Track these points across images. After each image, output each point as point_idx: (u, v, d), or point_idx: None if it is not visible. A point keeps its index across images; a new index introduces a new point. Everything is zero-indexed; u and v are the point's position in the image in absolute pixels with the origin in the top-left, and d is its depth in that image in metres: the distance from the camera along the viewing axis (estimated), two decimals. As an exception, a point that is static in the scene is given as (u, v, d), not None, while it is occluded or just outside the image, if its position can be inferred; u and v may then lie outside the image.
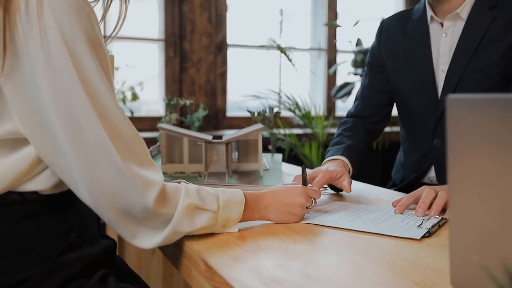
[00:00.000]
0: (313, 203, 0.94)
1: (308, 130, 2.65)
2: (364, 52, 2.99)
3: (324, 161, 1.26)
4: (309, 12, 3.31)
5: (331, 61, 3.24)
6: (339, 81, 3.23)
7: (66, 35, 0.69)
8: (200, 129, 1.61)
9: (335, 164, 1.19)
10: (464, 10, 1.26)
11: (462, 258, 0.59)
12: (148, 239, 0.75)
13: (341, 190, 1.18)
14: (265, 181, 1.26)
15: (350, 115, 1.46)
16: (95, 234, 0.86)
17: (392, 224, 0.91)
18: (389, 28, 1.44)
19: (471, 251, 0.58)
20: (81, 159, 0.70)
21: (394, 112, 1.49)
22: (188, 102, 1.53)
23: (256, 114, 1.53)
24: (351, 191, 1.12)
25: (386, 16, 1.51)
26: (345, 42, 3.18)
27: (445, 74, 1.27)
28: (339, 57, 3.27)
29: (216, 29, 2.86)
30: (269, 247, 0.78)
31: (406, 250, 0.77)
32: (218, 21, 2.86)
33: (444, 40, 1.30)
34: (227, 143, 1.33)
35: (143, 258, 1.61)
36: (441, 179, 1.31)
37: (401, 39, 1.39)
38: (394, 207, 1.03)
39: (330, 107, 3.20)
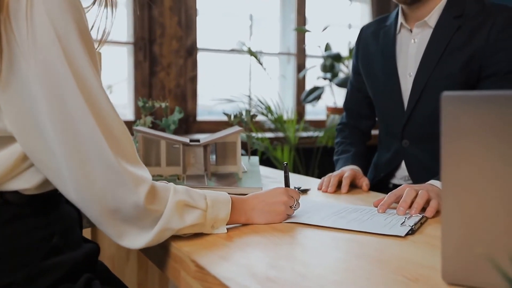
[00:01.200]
0: (296, 203, 0.95)
1: (280, 134, 2.66)
2: (333, 57, 3.03)
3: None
4: (278, 17, 3.34)
5: (300, 66, 3.27)
6: (308, 86, 3.26)
7: (59, 28, 0.67)
8: (173, 133, 1.59)
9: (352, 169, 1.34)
10: (432, 18, 1.30)
11: (454, 252, 0.60)
12: (137, 238, 0.73)
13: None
14: (244, 183, 1.25)
15: (343, 123, 1.61)
16: (78, 238, 0.83)
17: (376, 222, 0.92)
18: (366, 36, 1.50)
19: (463, 246, 0.59)
20: (71, 154, 0.68)
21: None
22: (163, 104, 1.51)
23: (232, 117, 1.53)
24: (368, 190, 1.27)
25: (352, 23, 1.60)
26: (314, 47, 3.22)
27: (412, 78, 1.32)
28: (308, 62, 3.31)
29: (186, 33, 2.84)
30: (258, 247, 0.78)
31: (393, 247, 0.78)
32: (188, 25, 2.85)
33: (412, 46, 1.34)
34: (205, 146, 1.32)
35: (117, 264, 1.58)
36: (415, 178, 1.35)
37: (373, 46, 1.45)
38: (376, 206, 1.05)
39: (300, 111, 3.23)
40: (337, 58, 3.02)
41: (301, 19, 3.25)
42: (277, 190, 0.93)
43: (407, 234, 0.85)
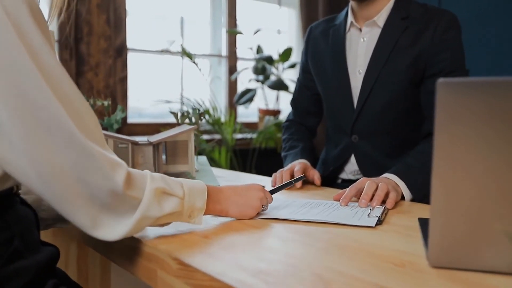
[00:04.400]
0: (266, 205, 0.95)
1: (216, 136, 2.64)
2: (265, 59, 3.07)
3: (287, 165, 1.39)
4: (208, 20, 3.32)
5: (232, 68, 3.28)
6: (240, 88, 3.27)
7: (8, 6, 0.61)
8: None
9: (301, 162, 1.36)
10: (381, 18, 1.36)
11: (441, 238, 0.62)
12: (114, 229, 0.68)
13: None
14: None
15: (290, 120, 1.64)
16: (36, 241, 0.76)
17: (343, 214, 0.94)
18: (315, 35, 1.53)
19: (451, 232, 0.61)
20: (34, 142, 0.62)
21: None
22: (106, 103, 1.44)
23: (179, 115, 1.48)
24: (320, 184, 1.31)
25: (281, 28, 1.63)
26: (245, 49, 3.24)
27: (362, 76, 1.36)
28: (239, 64, 3.32)
29: (115, 32, 2.74)
30: (240, 243, 0.76)
31: (368, 237, 0.80)
32: (117, 24, 2.74)
33: (362, 44, 1.38)
34: (156, 145, 1.27)
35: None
36: (365, 172, 1.39)
37: (323, 44, 1.48)
38: (337, 200, 1.06)
39: (232, 113, 3.23)
40: (269, 60, 3.06)
41: (232, 22, 3.25)
42: (254, 185, 0.92)
43: (376, 224, 0.87)
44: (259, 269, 0.63)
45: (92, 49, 2.66)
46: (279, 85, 3.00)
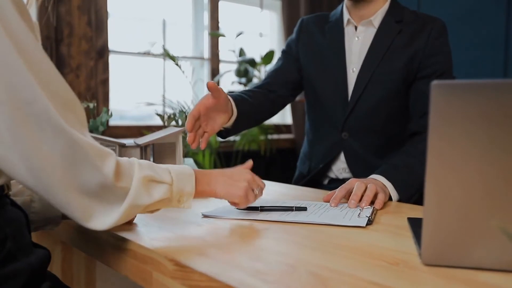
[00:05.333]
0: (259, 189, 0.95)
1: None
2: (248, 62, 3.08)
3: None
4: (190, 22, 3.31)
5: (214, 70, 3.28)
6: (222, 91, 3.27)
7: None
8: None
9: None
10: (376, 19, 1.39)
11: (434, 236, 0.64)
12: (104, 218, 0.69)
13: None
14: (188, 184, 1.22)
15: (255, 86, 1.48)
16: (28, 243, 0.75)
17: (333, 215, 0.95)
18: (308, 26, 1.52)
19: (444, 230, 0.63)
20: (24, 136, 0.62)
21: (280, 120, 1.55)
22: (91, 105, 1.43)
23: (166, 117, 1.48)
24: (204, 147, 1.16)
25: (263, 32, 1.61)
26: (227, 52, 3.25)
27: (356, 74, 1.39)
28: (221, 67, 3.32)
29: (97, 34, 2.71)
30: (233, 244, 0.77)
31: (360, 237, 0.81)
32: (98, 25, 2.72)
33: (356, 42, 1.41)
34: (145, 147, 1.27)
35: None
36: (353, 169, 1.41)
37: (318, 37, 1.48)
38: (326, 201, 1.08)
39: (214, 116, 3.22)
40: (252, 63, 3.07)
41: (215, 24, 3.25)
42: (241, 169, 0.93)
43: (366, 224, 0.89)
44: (256, 269, 0.64)
45: (73, 50, 2.63)
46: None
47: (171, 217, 0.95)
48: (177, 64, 2.48)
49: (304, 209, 0.99)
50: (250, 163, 0.97)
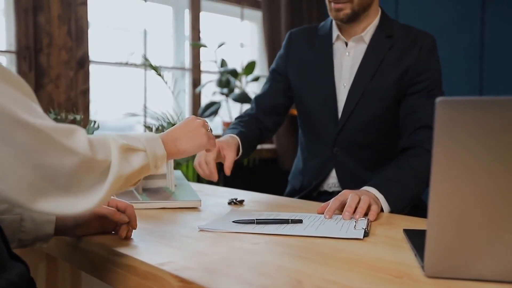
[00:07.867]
0: (209, 127, 0.98)
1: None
2: (229, 72, 3.08)
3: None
4: (171, 32, 3.31)
5: (196, 81, 3.27)
6: (204, 101, 3.27)
7: None
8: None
9: (226, 138, 1.31)
10: (367, 35, 1.41)
11: (438, 249, 0.65)
12: (89, 198, 0.67)
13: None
14: (180, 196, 1.21)
15: (246, 114, 1.55)
16: (6, 257, 0.73)
17: (330, 228, 0.95)
18: (297, 40, 1.52)
19: (447, 243, 0.64)
20: None
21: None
22: (78, 117, 1.41)
23: (154, 129, 1.47)
24: (229, 174, 1.23)
25: (244, 42, 1.61)
26: (208, 62, 3.25)
27: (347, 89, 1.39)
28: (203, 77, 3.31)
29: (77, 43, 2.68)
30: (234, 260, 0.76)
31: (360, 249, 0.82)
32: (78, 35, 2.68)
33: (346, 58, 1.42)
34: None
35: None
36: (344, 184, 1.42)
37: (307, 52, 1.48)
38: (320, 213, 1.08)
39: (196, 126, 3.21)
40: (234, 73, 3.07)
41: (196, 35, 3.25)
42: (188, 119, 0.95)
43: (364, 236, 0.89)
44: (263, 284, 0.64)
45: (53, 60, 2.59)
46: (243, 98, 3.02)
47: (168, 231, 0.94)
48: (159, 75, 2.47)
49: (300, 221, 0.99)
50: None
